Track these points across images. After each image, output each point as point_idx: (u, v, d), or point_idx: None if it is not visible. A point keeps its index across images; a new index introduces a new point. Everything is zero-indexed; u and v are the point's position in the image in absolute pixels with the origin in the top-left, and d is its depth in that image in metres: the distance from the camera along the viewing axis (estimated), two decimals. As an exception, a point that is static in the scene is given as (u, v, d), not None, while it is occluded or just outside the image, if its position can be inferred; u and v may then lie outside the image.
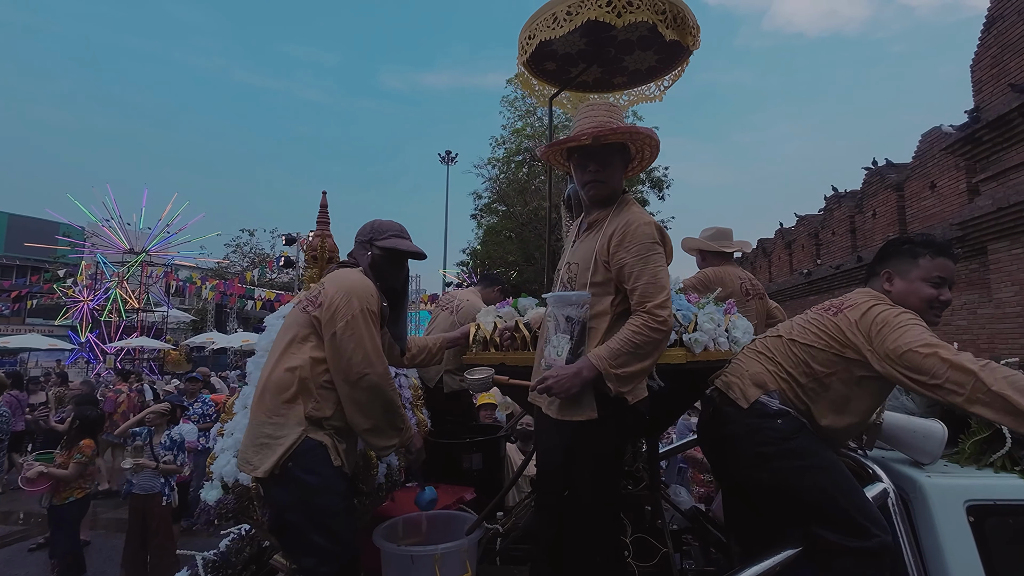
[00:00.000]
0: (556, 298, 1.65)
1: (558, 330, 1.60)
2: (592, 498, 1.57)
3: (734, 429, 1.69)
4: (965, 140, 7.81)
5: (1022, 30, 7.00)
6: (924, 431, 1.87)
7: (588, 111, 1.77)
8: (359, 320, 1.75)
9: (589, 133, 1.66)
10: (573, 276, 1.72)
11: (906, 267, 1.71)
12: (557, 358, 1.58)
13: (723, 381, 1.79)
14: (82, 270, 20.73)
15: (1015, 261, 7.19)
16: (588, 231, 1.77)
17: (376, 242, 1.97)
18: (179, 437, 4.82)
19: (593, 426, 1.55)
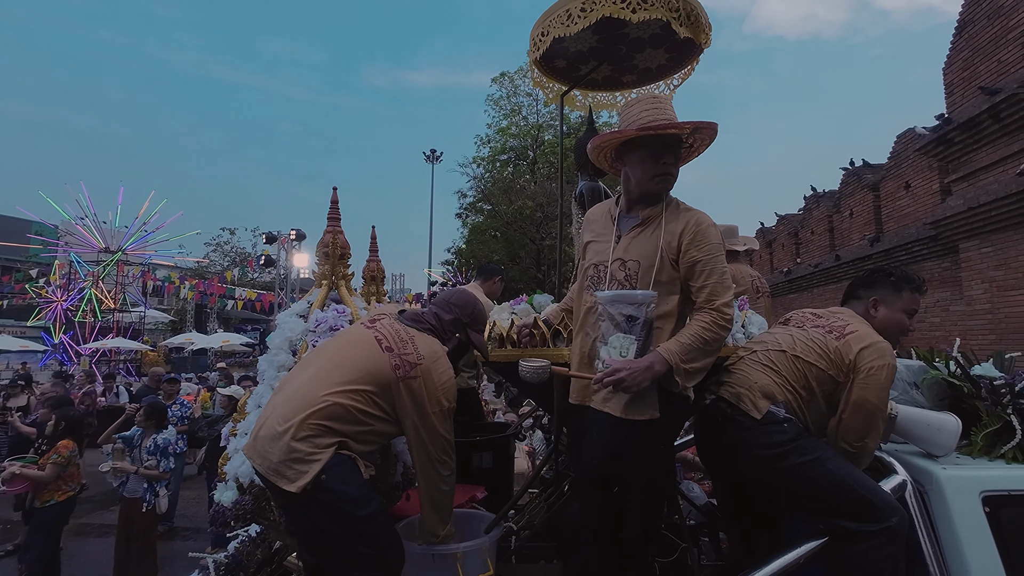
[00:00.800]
0: (615, 296, 1.59)
1: (617, 330, 1.55)
2: (648, 496, 1.58)
3: (745, 436, 1.72)
4: (937, 141, 8.03)
5: (991, 34, 7.21)
6: (938, 424, 1.90)
7: (654, 102, 1.69)
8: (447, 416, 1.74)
9: (691, 124, 1.61)
10: (632, 274, 1.65)
11: (891, 298, 1.90)
12: (621, 359, 1.53)
13: (731, 392, 1.79)
14: (55, 269, 20.10)
15: (985, 259, 7.41)
16: (641, 227, 1.70)
17: (471, 331, 1.95)
18: (163, 443, 4.71)
19: (653, 424, 1.55)
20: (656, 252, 1.63)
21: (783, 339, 1.86)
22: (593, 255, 1.77)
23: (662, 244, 1.62)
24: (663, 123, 1.61)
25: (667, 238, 1.63)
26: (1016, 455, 1.85)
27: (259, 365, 2.09)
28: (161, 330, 26.36)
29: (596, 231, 1.81)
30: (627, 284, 1.65)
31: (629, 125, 1.67)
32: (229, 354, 23.05)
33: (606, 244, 1.74)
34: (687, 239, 1.62)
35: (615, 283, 1.67)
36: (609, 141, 1.72)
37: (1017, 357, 2.33)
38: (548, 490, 2.44)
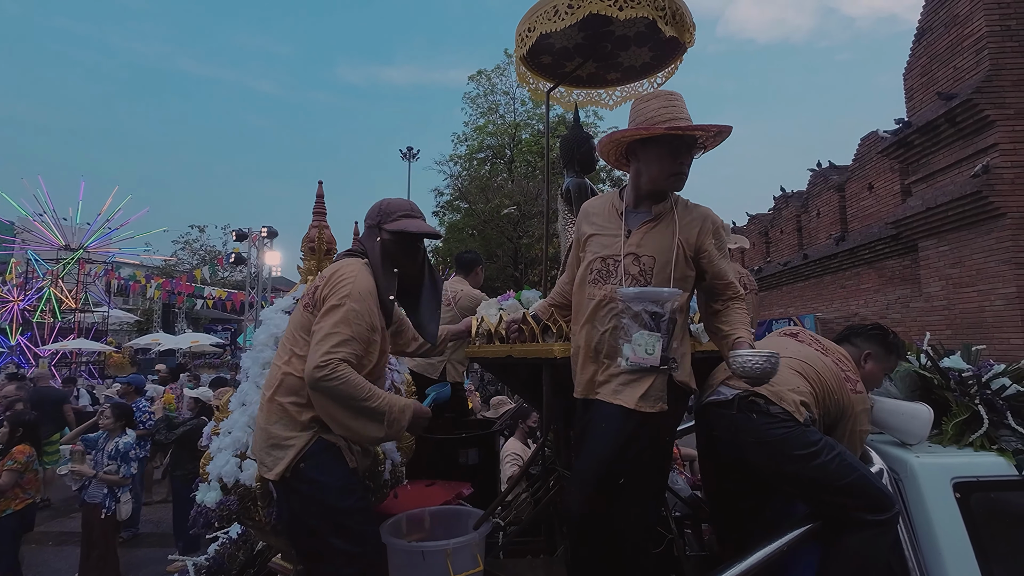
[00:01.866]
0: (639, 294, 1.58)
1: (641, 327, 1.55)
2: (651, 486, 1.60)
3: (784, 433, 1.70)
4: (898, 144, 8.34)
5: (948, 42, 7.53)
6: (912, 413, 1.98)
7: (671, 100, 1.67)
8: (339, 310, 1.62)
9: (716, 128, 1.61)
10: (647, 269, 1.64)
11: (882, 358, 2.06)
12: (647, 356, 1.53)
13: (772, 391, 1.75)
14: (11, 268, 19.21)
15: (942, 258, 7.74)
16: (653, 222, 1.69)
17: (384, 225, 1.82)
18: (124, 447, 4.55)
19: (661, 416, 1.58)
20: (671, 248, 1.63)
21: (806, 354, 1.90)
22: (599, 248, 1.74)
23: (679, 240, 1.64)
24: (691, 125, 1.61)
25: (684, 234, 1.65)
26: (984, 443, 1.94)
27: (243, 362, 2.04)
28: (126, 331, 25.45)
29: (599, 224, 1.78)
30: (642, 279, 1.64)
31: (647, 121, 1.64)
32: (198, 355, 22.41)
33: (613, 238, 1.71)
34: (708, 238, 1.67)
35: (629, 278, 1.64)
36: (630, 136, 1.68)
37: (983, 349, 2.43)
38: (535, 485, 2.45)
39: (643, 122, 1.65)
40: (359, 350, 1.64)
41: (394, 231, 1.81)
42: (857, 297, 10.56)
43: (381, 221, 1.84)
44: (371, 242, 1.83)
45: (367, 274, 1.76)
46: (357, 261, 1.82)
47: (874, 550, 1.64)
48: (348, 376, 1.57)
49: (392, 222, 1.82)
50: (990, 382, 2.10)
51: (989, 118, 6.71)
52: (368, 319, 1.67)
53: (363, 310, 1.66)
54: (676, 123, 1.59)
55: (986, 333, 6.78)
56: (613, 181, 22.05)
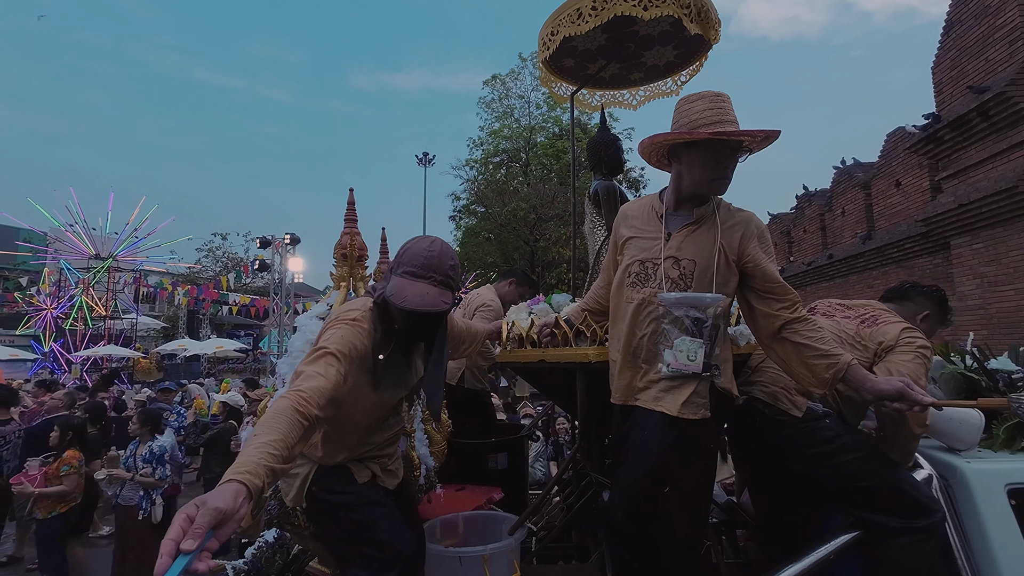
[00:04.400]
0: (681, 299, 1.54)
1: (683, 332, 1.53)
2: (696, 495, 1.57)
3: (789, 434, 1.72)
4: (927, 140, 8.12)
5: (979, 34, 7.31)
6: (961, 418, 1.91)
7: (717, 102, 1.59)
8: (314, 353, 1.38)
9: (763, 133, 1.55)
10: (687, 273, 1.60)
11: (937, 321, 2.03)
12: (689, 363, 1.50)
13: (767, 392, 1.79)
14: (45, 277, 19.82)
15: (976, 255, 7.50)
16: (694, 226, 1.64)
17: (394, 274, 1.53)
18: (159, 450, 4.65)
19: (705, 423, 1.55)
20: (713, 252, 1.59)
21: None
22: (637, 251, 1.69)
23: (721, 244, 1.59)
24: (736, 132, 1.55)
25: (726, 239, 1.60)
26: (1038, 448, 1.87)
27: (279, 368, 2.07)
28: (153, 337, 26.06)
29: (637, 227, 1.74)
30: (682, 283, 1.60)
31: (691, 124, 1.58)
32: (222, 360, 22.83)
33: (653, 241, 1.67)
34: (751, 243, 1.60)
35: (669, 282, 1.61)
36: (674, 139, 1.62)
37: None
38: (567, 490, 2.43)
39: (687, 124, 1.59)
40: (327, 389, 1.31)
41: (386, 296, 1.50)
42: (886, 297, 10.30)
43: (394, 269, 1.56)
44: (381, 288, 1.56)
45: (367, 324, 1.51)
46: (364, 305, 1.58)
47: (915, 558, 1.58)
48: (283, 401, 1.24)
49: (396, 276, 1.52)
50: (1042, 384, 2.02)
51: (1024, 111, 6.50)
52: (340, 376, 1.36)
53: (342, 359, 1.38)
54: (721, 127, 1.54)
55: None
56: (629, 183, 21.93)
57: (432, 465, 2.18)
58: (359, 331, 1.46)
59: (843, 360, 1.53)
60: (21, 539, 5.35)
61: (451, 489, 2.52)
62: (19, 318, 20.24)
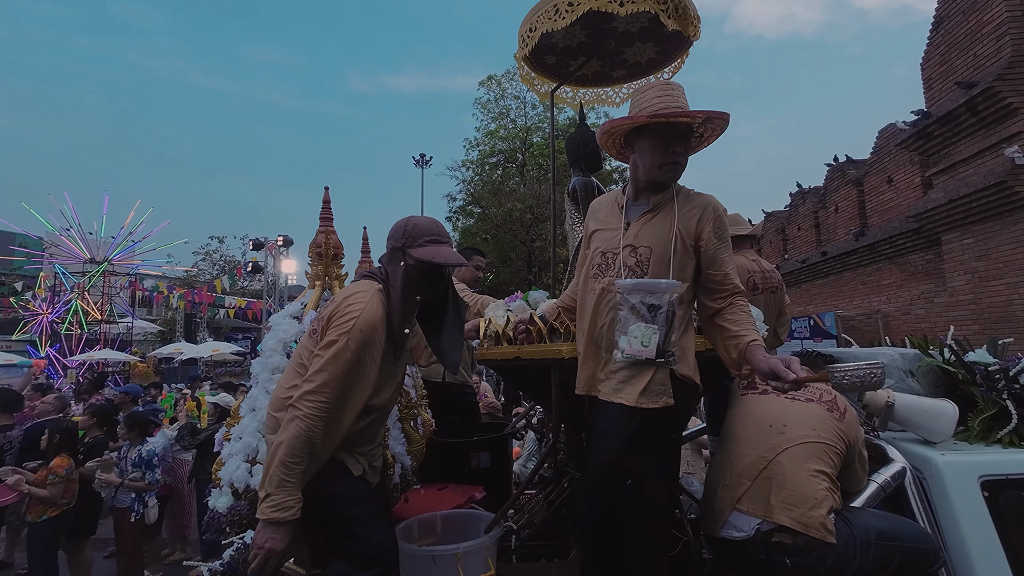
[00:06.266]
0: (637, 285, 1.54)
1: (639, 319, 1.51)
2: (660, 486, 1.56)
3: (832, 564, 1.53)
4: (917, 136, 8.13)
5: (967, 29, 7.33)
6: (935, 411, 1.92)
7: (667, 89, 1.63)
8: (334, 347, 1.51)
9: (704, 113, 1.56)
10: (643, 260, 1.61)
11: None
12: (643, 349, 1.49)
13: (793, 517, 1.55)
14: (40, 282, 19.77)
15: (966, 251, 7.51)
16: (652, 213, 1.66)
17: (410, 250, 1.68)
18: (148, 454, 4.65)
19: (666, 412, 1.54)
20: (669, 238, 1.60)
21: (799, 425, 1.71)
22: (599, 243, 1.73)
23: (677, 230, 1.60)
24: (675, 111, 1.56)
25: (683, 224, 1.61)
26: (1013, 439, 1.88)
27: (252, 368, 2.06)
28: (150, 341, 26.00)
29: (602, 219, 1.77)
30: (638, 270, 1.61)
31: (641, 111, 1.61)
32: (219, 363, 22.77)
33: (614, 231, 1.70)
34: (707, 226, 1.61)
35: (626, 269, 1.62)
36: (619, 126, 1.66)
37: (1011, 342, 2.35)
38: (548, 488, 2.42)
39: (637, 113, 1.62)
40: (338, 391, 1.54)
41: (420, 259, 1.66)
42: (879, 293, 10.31)
43: (406, 244, 1.69)
44: (394, 266, 1.68)
45: (378, 303, 1.62)
46: (371, 287, 1.68)
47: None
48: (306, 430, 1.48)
49: (418, 247, 1.68)
50: (1018, 376, 2.02)
51: (1012, 105, 6.51)
52: (362, 355, 1.57)
53: (359, 347, 1.55)
54: (662, 111, 1.56)
55: (1015, 327, 6.55)
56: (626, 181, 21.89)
57: (408, 464, 2.17)
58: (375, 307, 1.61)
59: (744, 339, 1.55)
60: (12, 544, 5.33)
61: (433, 488, 2.51)
62: (15, 323, 20.20)
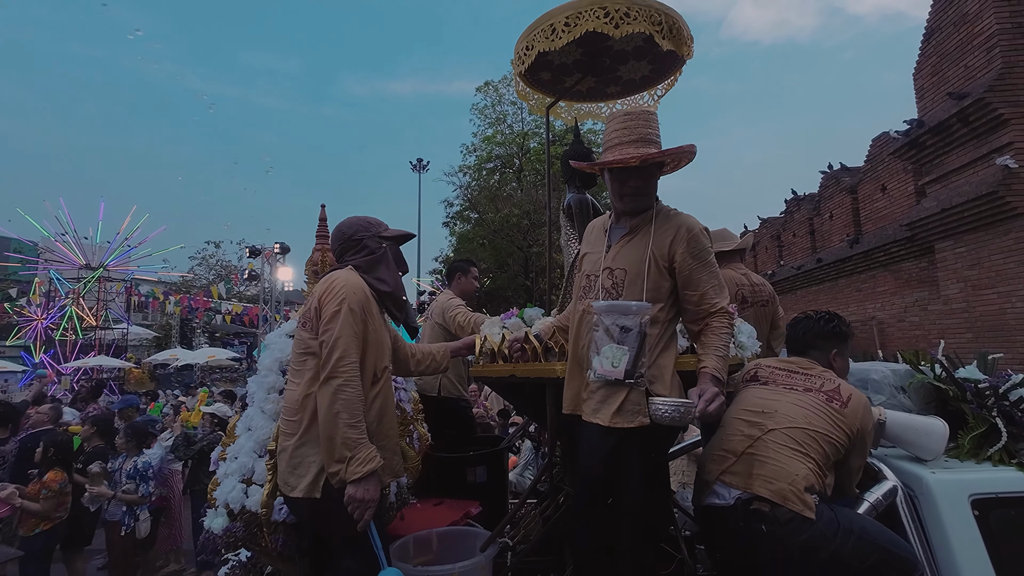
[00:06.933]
0: (610, 307, 1.58)
1: (610, 340, 1.55)
2: (643, 505, 1.58)
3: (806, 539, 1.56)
4: (910, 145, 8.21)
5: (958, 40, 7.42)
6: (926, 428, 1.93)
7: (627, 121, 1.70)
8: (339, 315, 1.68)
9: (638, 156, 1.63)
10: (619, 282, 1.67)
11: (844, 347, 2.01)
12: (612, 369, 1.53)
13: (772, 490, 1.60)
14: (35, 288, 19.68)
15: (959, 259, 7.57)
16: (629, 236, 1.73)
17: (383, 235, 1.95)
18: (143, 466, 4.61)
19: (644, 432, 1.56)
20: (643, 260, 1.65)
21: (791, 411, 1.74)
22: (586, 265, 1.82)
23: (651, 251, 1.64)
24: (606, 161, 1.70)
25: (657, 245, 1.65)
26: (1002, 457, 1.89)
27: (248, 387, 2.06)
28: (145, 346, 25.88)
29: (590, 242, 1.86)
30: (614, 292, 1.67)
31: (605, 143, 1.74)
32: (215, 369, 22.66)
33: (597, 254, 1.78)
34: (680, 247, 1.64)
35: (603, 291, 1.68)
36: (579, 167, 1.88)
37: (1000, 358, 2.37)
38: (544, 503, 2.43)
39: (604, 144, 1.75)
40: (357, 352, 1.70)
41: (396, 235, 1.98)
42: (873, 300, 10.37)
43: (379, 232, 1.96)
44: (376, 250, 1.91)
45: (357, 276, 1.84)
46: (344, 269, 1.89)
47: None
48: (354, 391, 1.63)
49: (387, 230, 1.98)
50: (1008, 393, 2.05)
51: (1003, 116, 6.58)
52: (364, 315, 1.75)
53: (359, 307, 1.73)
54: (620, 149, 1.67)
55: (1008, 336, 6.60)
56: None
57: (405, 482, 2.18)
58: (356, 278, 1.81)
59: (700, 364, 1.62)
60: (3, 557, 5.29)
61: (428, 504, 2.52)
62: (9, 329, 20.08)
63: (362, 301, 1.74)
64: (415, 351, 2.19)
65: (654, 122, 1.72)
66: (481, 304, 21.80)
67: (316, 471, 1.64)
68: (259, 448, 1.88)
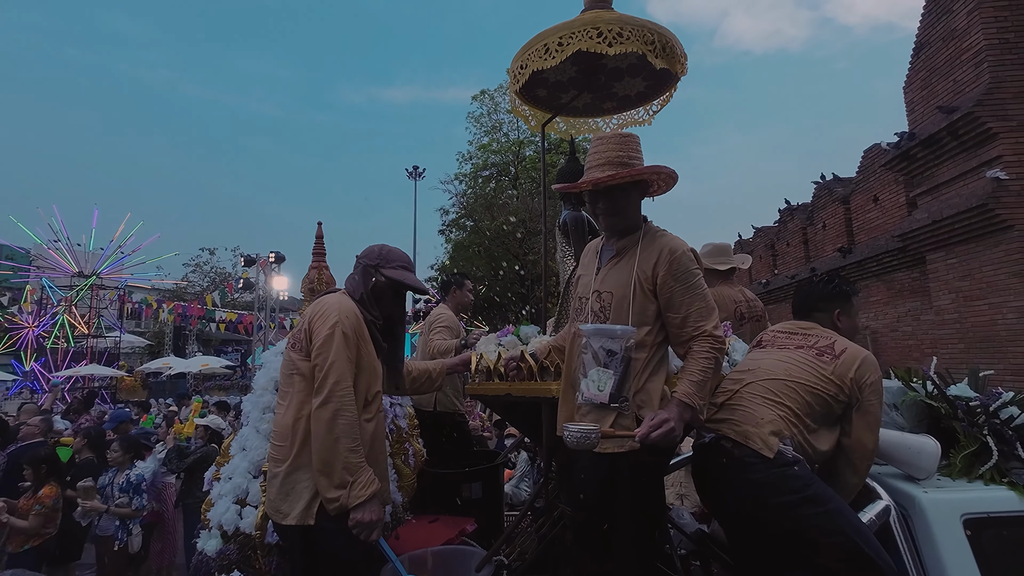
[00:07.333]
0: (596, 330, 1.59)
1: (596, 363, 1.56)
2: (638, 530, 1.58)
3: (759, 478, 1.64)
4: (901, 157, 8.30)
5: (946, 55, 7.53)
6: (918, 447, 1.95)
7: (599, 146, 1.74)
8: (333, 339, 1.70)
9: (591, 181, 1.68)
10: (606, 305, 1.67)
11: (848, 305, 2.04)
12: (598, 393, 1.54)
13: (737, 431, 1.71)
14: (26, 295, 19.52)
15: (951, 270, 7.63)
16: (616, 259, 1.73)
17: (383, 269, 1.94)
18: (136, 479, 4.55)
19: (634, 456, 1.55)
20: (629, 283, 1.64)
21: (772, 366, 1.83)
22: (579, 288, 1.84)
23: (636, 274, 1.64)
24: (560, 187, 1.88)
25: (641, 267, 1.65)
26: (994, 476, 1.90)
27: (243, 406, 2.06)
28: (138, 354, 25.68)
29: (585, 264, 1.88)
30: (602, 315, 1.67)
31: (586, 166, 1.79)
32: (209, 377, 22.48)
33: (589, 277, 1.79)
34: (662, 270, 1.62)
35: (592, 314, 1.69)
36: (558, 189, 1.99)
37: (990, 375, 2.39)
38: (540, 520, 2.42)
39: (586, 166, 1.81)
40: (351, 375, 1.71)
41: (392, 278, 1.94)
42: (867, 310, 10.44)
43: (380, 265, 1.96)
44: (366, 279, 1.93)
45: (349, 301, 1.87)
46: (336, 293, 1.93)
47: None
48: (352, 415, 1.65)
49: (391, 269, 1.95)
50: (998, 411, 2.06)
51: (992, 131, 6.67)
52: (357, 339, 1.77)
53: (351, 330, 1.75)
54: (590, 172, 1.72)
55: (999, 347, 6.65)
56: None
57: (400, 501, 2.17)
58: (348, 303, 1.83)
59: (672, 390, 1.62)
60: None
61: (424, 520, 2.51)
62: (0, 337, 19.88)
63: (355, 325, 1.76)
64: (410, 368, 2.19)
65: (629, 145, 1.73)
66: (477, 312, 21.78)
67: (309, 497, 1.62)
68: (254, 468, 1.87)
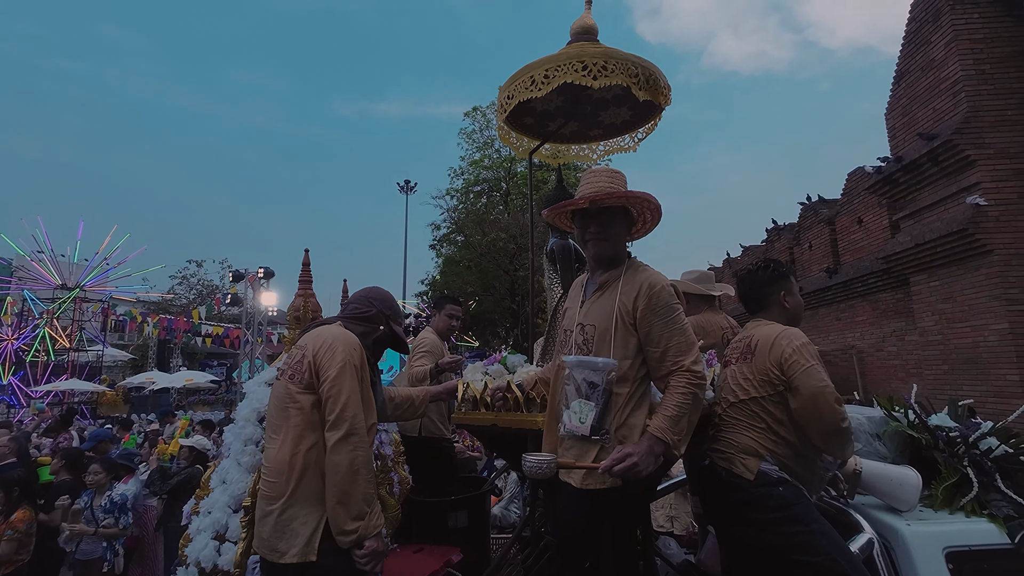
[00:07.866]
0: (579, 362, 1.60)
1: (579, 395, 1.57)
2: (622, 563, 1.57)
3: (742, 497, 1.78)
4: (883, 181, 8.50)
5: (926, 84, 7.77)
6: (900, 479, 1.96)
7: (590, 177, 1.80)
8: (346, 373, 1.69)
9: (588, 197, 1.71)
10: (589, 338, 1.68)
11: (789, 284, 2.10)
12: (580, 425, 1.55)
13: (723, 457, 1.86)
14: (7, 307, 19.16)
15: (933, 292, 7.77)
16: (599, 292, 1.75)
17: (393, 323, 2.02)
18: (120, 498, 4.43)
19: (617, 490, 1.55)
20: (611, 316, 1.65)
21: (735, 387, 1.94)
22: (565, 321, 1.86)
23: (617, 307, 1.66)
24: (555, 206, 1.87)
25: (622, 301, 1.66)
26: (975, 508, 1.92)
27: (225, 437, 2.02)
28: (121, 368, 25.20)
29: (571, 297, 1.91)
30: (585, 348, 1.69)
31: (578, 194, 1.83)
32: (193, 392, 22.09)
33: (574, 310, 1.82)
34: (642, 303, 1.63)
35: (575, 347, 1.71)
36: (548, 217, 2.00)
37: (970, 403, 2.42)
38: (526, 550, 2.40)
39: None
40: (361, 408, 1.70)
41: (397, 335, 2.04)
42: (853, 330, 10.56)
43: (391, 318, 2.04)
44: (375, 322, 1.98)
45: (351, 334, 1.86)
46: (334, 326, 1.91)
47: None
48: (369, 448, 1.67)
49: (398, 326, 2.06)
50: (978, 442, 2.09)
51: (970, 157, 6.85)
52: (362, 371, 1.78)
53: (359, 363, 1.77)
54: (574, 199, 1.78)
55: (982, 369, 6.75)
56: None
57: (385, 532, 2.14)
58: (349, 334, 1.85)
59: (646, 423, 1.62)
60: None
61: (408, 550, 2.47)
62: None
63: (361, 359, 1.78)
64: (393, 395, 2.18)
65: (618, 179, 1.78)
66: (467, 327, 21.71)
67: (309, 532, 1.58)
68: (234, 503, 1.84)
